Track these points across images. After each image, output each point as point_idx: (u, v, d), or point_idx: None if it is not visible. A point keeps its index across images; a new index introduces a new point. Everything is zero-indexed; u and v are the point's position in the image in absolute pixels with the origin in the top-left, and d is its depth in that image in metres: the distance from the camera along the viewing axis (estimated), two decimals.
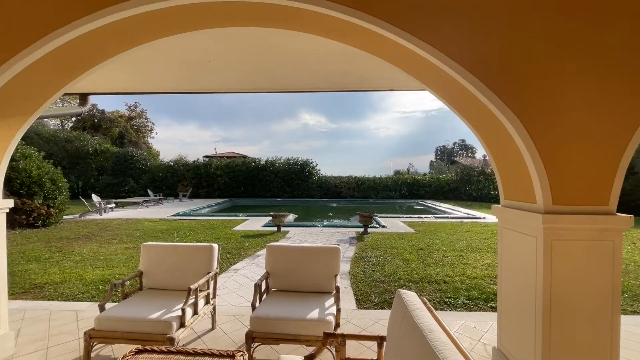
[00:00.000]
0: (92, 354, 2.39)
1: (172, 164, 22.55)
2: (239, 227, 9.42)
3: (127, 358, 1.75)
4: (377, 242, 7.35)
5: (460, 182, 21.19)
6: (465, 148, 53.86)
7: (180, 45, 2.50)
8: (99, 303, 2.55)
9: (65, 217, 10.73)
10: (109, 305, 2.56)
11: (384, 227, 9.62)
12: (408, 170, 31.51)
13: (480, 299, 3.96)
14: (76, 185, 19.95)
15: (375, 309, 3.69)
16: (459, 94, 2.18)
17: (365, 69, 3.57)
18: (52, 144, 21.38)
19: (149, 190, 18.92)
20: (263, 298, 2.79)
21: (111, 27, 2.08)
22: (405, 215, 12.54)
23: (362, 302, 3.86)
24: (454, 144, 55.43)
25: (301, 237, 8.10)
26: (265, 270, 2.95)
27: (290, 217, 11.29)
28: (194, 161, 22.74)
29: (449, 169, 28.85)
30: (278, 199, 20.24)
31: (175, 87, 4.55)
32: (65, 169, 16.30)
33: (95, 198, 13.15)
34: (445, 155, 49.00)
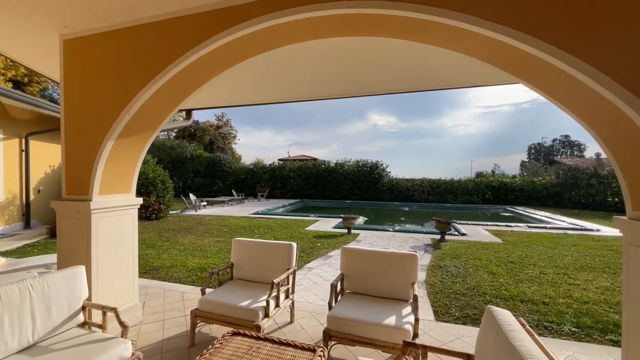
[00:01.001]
0: (196, 330, 2.82)
1: (251, 167, 24.89)
2: (311, 227, 9.83)
3: (225, 337, 2.02)
4: (456, 251, 6.76)
5: (564, 186, 17.78)
6: (570, 145, 45.28)
7: (265, 59, 2.76)
8: (201, 287, 2.99)
9: (170, 212, 12.86)
10: (207, 290, 2.98)
11: (464, 235, 8.78)
12: (493, 172, 27.95)
13: (595, 328, 3.28)
14: (177, 186, 23.72)
15: (455, 323, 3.40)
16: (567, 86, 1.87)
17: (446, 67, 3.36)
18: (161, 151, 25.88)
19: (233, 191, 21.27)
20: (338, 298, 2.86)
21: (215, 51, 2.44)
22: (489, 223, 11.20)
23: (441, 314, 3.60)
24: (554, 141, 47.13)
25: (372, 240, 8.00)
26: (340, 272, 3.02)
27: (360, 219, 11.25)
28: (270, 164, 24.64)
29: (546, 170, 24.64)
30: (347, 201, 20.39)
31: (257, 99, 5.04)
32: (170, 171, 19.58)
33: (191, 197, 15.42)
34: (542, 154, 42.02)
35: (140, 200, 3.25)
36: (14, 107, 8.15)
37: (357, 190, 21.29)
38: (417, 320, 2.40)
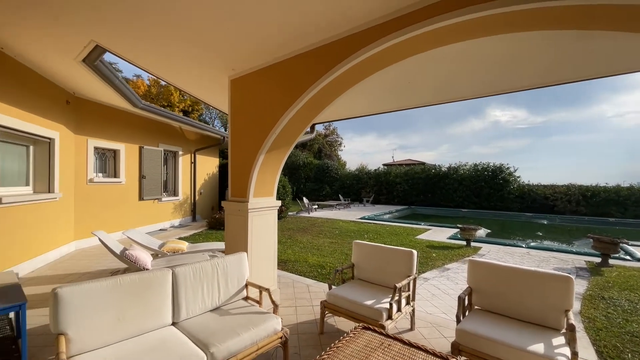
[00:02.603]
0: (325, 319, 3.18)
1: (356, 172, 25.58)
2: (422, 236, 9.35)
3: (357, 330, 2.22)
4: (628, 280, 5.15)
5: None
6: None
7: (387, 71, 2.90)
8: (328, 282, 3.35)
9: (289, 213, 14.60)
10: (333, 286, 3.31)
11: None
12: None
13: None
14: (292, 190, 26.73)
15: None
16: None
17: (609, 49, 2.72)
18: None
19: (340, 195, 22.37)
20: (466, 313, 2.69)
21: (346, 72, 2.75)
22: None
23: (610, 357, 2.85)
24: None
25: (498, 256, 6.97)
26: (467, 286, 2.83)
27: (481, 231, 9.96)
28: (375, 170, 24.72)
29: None
30: (463, 210, 18.31)
31: (377, 109, 5.25)
32: (287, 177, 22.30)
33: (305, 200, 17.08)
34: None
35: (279, 203, 3.92)
36: (188, 131, 11.08)
37: (475, 198, 18.85)
38: (574, 354, 2.02)
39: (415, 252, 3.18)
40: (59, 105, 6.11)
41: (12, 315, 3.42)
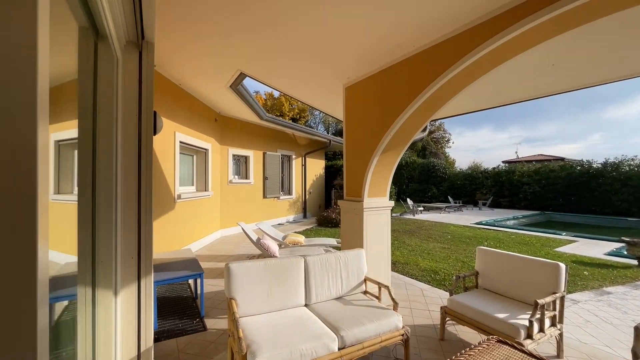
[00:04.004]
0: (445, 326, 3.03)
1: (469, 171, 22.81)
2: (564, 249, 7.61)
3: (490, 342, 2.05)
4: None
5: None
6: None
7: (524, 56, 2.55)
8: (448, 289, 3.19)
9: (392, 214, 14.31)
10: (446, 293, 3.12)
11: None
12: None
13: None
14: (394, 191, 25.99)
15: None
16: None
17: None
18: None
19: (449, 197, 20.42)
20: None
21: (470, 66, 2.57)
22: None
23: None
24: None
25: None
26: None
27: None
28: (494, 168, 21.47)
29: None
30: (629, 219, 13.84)
31: (498, 100, 4.64)
32: None
33: (409, 201, 16.37)
34: None
35: (392, 203, 3.96)
36: (300, 137, 12.33)
37: None
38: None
39: (563, 265, 2.66)
40: (210, 123, 7.84)
41: (190, 281, 4.63)
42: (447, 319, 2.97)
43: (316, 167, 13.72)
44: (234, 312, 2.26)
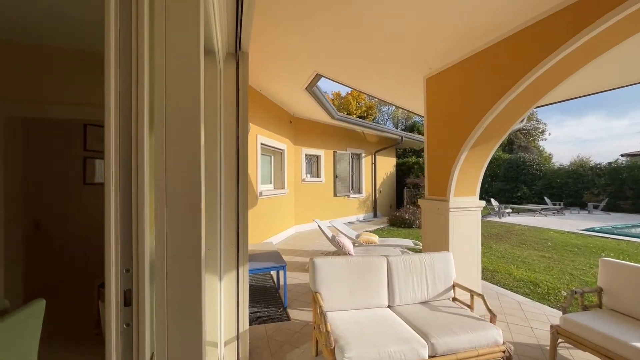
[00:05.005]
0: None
1: (572, 167, 19.11)
2: None
3: None
4: None
5: None
6: None
7: None
8: (560, 305, 2.70)
9: None
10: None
11: None
12: None
13: None
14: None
15: None
16: None
17: None
18: None
19: (545, 198, 17.47)
20: None
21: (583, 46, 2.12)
22: None
23: None
24: None
25: None
26: None
27: None
28: (609, 163, 17.52)
29: None
30: None
31: (623, 80, 3.75)
32: None
33: (493, 202, 14.55)
34: None
35: (482, 203, 3.55)
36: (370, 134, 12.13)
37: None
38: None
39: None
40: (286, 125, 8.30)
41: (272, 272, 4.99)
42: (560, 340, 2.51)
43: (386, 165, 13.31)
44: (321, 305, 2.32)
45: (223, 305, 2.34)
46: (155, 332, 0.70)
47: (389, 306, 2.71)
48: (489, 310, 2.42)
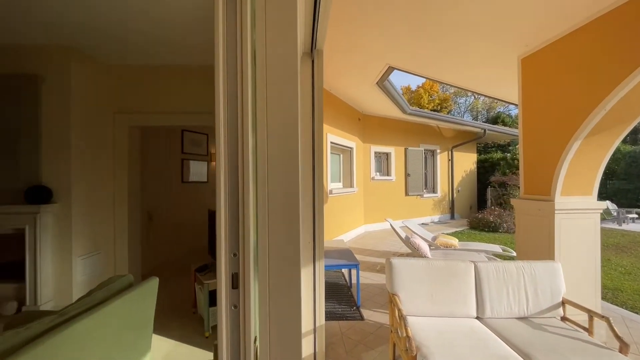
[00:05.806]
0: None
1: None
2: None
3: None
4: None
5: None
6: None
7: None
8: None
9: None
10: None
11: None
12: None
13: None
14: None
15: None
16: None
17: None
18: None
19: None
20: None
21: None
22: None
23: None
24: None
25: None
26: None
27: None
28: None
29: None
30: None
31: None
32: None
33: (610, 205, 11.86)
34: None
35: (602, 205, 2.88)
36: (445, 129, 11.17)
37: None
38: None
39: None
40: (354, 122, 8.23)
41: (344, 270, 5.00)
42: None
43: (465, 162, 12.07)
44: (400, 308, 2.20)
45: (302, 300, 2.43)
46: (258, 317, 0.74)
47: (477, 317, 2.41)
48: (618, 338, 1.93)
